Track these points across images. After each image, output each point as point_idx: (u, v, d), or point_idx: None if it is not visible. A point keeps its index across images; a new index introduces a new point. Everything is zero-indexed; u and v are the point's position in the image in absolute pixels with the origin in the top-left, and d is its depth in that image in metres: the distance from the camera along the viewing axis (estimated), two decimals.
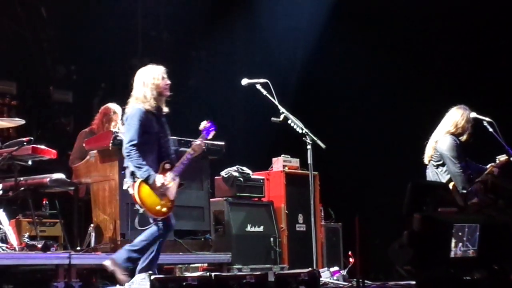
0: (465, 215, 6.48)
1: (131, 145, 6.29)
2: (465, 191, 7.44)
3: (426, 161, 7.82)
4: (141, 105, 6.39)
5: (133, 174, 6.33)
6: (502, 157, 7.73)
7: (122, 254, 6.34)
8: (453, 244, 5.83)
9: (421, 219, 5.68)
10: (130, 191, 6.35)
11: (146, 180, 6.26)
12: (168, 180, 6.34)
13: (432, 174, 7.70)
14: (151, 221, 6.40)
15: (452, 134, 7.70)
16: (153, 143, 6.43)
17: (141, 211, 6.33)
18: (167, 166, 6.41)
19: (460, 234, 5.88)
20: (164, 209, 6.32)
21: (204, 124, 6.62)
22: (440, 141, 7.69)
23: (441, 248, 5.81)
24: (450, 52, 10.76)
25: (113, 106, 8.29)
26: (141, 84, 6.49)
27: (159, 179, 6.28)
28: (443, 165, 7.64)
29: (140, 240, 6.38)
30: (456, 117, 7.76)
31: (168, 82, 6.51)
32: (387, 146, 10.61)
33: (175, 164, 6.46)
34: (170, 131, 6.63)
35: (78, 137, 8.33)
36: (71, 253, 6.99)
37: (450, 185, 7.51)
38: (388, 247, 6.04)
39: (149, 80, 6.46)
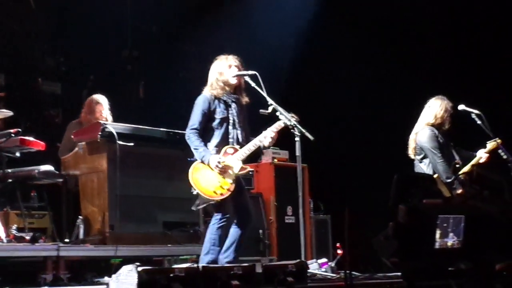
0: (450, 206, 6.54)
1: (191, 129, 6.57)
2: (449, 180, 7.55)
3: (411, 155, 7.92)
4: (208, 92, 6.66)
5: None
6: (492, 143, 7.82)
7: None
8: (438, 235, 5.89)
9: (406, 211, 5.73)
10: (189, 174, 6.53)
11: (202, 161, 6.48)
12: (226, 162, 6.49)
13: (418, 167, 7.78)
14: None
15: (433, 125, 7.79)
16: (219, 128, 6.63)
17: (194, 192, 6.49)
18: (230, 150, 6.60)
19: (445, 225, 5.94)
20: (219, 191, 6.46)
21: (281, 115, 6.58)
22: (419, 133, 7.79)
23: (426, 239, 5.86)
24: (438, 44, 10.83)
25: (96, 97, 8.35)
26: (212, 71, 6.76)
27: (213, 159, 6.45)
28: (425, 157, 7.73)
29: (204, 242, 6.56)
30: (435, 108, 7.85)
31: (235, 73, 6.68)
32: (377, 138, 10.68)
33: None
34: (246, 120, 6.78)
35: (67, 129, 8.38)
36: (60, 245, 7.03)
37: (436, 176, 7.60)
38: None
39: (217, 69, 6.72)
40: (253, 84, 6.64)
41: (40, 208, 8.18)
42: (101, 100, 8.31)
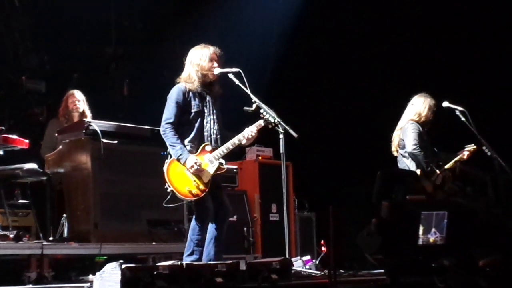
0: (433, 202, 6.58)
1: (166, 124, 6.37)
2: (429, 168, 7.61)
3: (394, 152, 7.96)
4: (183, 85, 6.46)
5: (170, 154, 6.40)
6: (470, 147, 7.87)
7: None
8: (421, 231, 5.93)
9: (390, 207, 5.76)
10: (164, 170, 6.39)
11: (178, 160, 6.32)
12: (204, 161, 6.36)
13: (402, 161, 7.82)
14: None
15: (416, 122, 7.85)
16: (194, 122, 6.45)
17: (169, 190, 6.36)
18: (208, 148, 6.43)
19: (428, 221, 5.97)
20: (194, 191, 6.31)
21: (265, 112, 6.50)
22: (404, 128, 7.84)
23: (409, 236, 5.89)
24: (423, 41, 10.87)
25: (71, 92, 8.42)
26: (188, 63, 6.56)
27: (190, 160, 6.30)
28: None
29: (187, 242, 6.46)
30: (418, 105, 7.91)
31: (216, 65, 6.52)
32: (361, 135, 10.70)
33: (218, 147, 6.46)
34: (217, 112, 6.58)
35: (47, 126, 8.43)
36: (44, 243, 7.04)
37: (418, 172, 7.65)
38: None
39: (195, 61, 6.51)
40: (237, 82, 6.60)
41: (24, 206, 8.17)
42: (75, 92, 8.37)
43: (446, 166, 7.72)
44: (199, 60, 6.51)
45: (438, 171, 7.59)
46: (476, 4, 10.23)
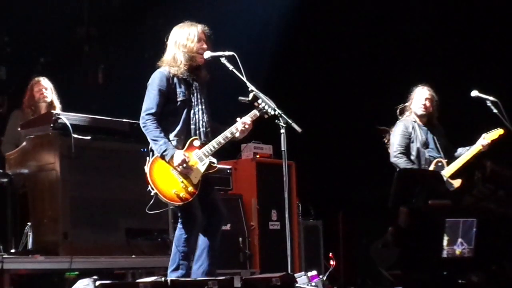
0: (460, 208, 6.59)
1: (147, 115, 6.32)
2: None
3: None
4: (166, 69, 6.42)
5: (152, 150, 6.33)
6: (492, 133, 7.94)
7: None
8: (445, 242, 5.95)
9: (409, 213, 5.78)
10: (146, 170, 6.32)
11: (162, 156, 6.26)
12: (192, 159, 6.31)
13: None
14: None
15: (416, 114, 8.08)
16: (180, 113, 6.41)
17: (152, 193, 6.29)
18: (196, 143, 6.39)
19: (454, 230, 5.99)
20: (182, 194, 6.25)
21: (263, 102, 6.44)
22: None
23: (432, 247, 5.91)
24: (436, 33, 10.93)
25: (36, 79, 8.47)
26: (172, 43, 6.51)
27: (178, 156, 6.23)
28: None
29: (172, 255, 6.42)
30: (410, 100, 8.17)
31: (205, 46, 6.48)
32: (373, 131, 10.71)
33: (207, 141, 6.44)
34: (205, 101, 6.55)
35: (9, 119, 8.45)
36: (4, 256, 7.04)
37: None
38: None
39: (182, 41, 6.47)
40: (230, 67, 6.59)
41: None
42: (41, 79, 8.42)
43: (458, 163, 7.83)
44: (186, 40, 6.47)
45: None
46: None
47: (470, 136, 8.16)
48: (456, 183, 7.83)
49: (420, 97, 8.12)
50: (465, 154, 7.98)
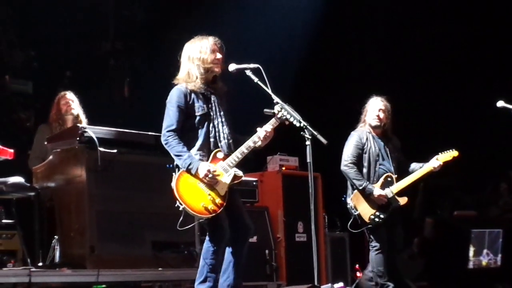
0: (486, 219, 6.60)
1: (168, 131, 6.34)
2: (361, 187, 7.80)
3: None
4: (183, 85, 6.45)
5: (178, 166, 6.35)
6: (449, 152, 7.93)
7: None
8: (471, 253, 5.95)
9: (434, 224, 5.79)
10: (173, 185, 6.33)
11: (188, 170, 6.27)
12: (218, 170, 6.30)
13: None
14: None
15: (369, 126, 8.12)
16: (200, 127, 6.43)
17: (181, 208, 6.28)
18: (220, 155, 6.38)
19: (479, 241, 5.99)
20: (210, 207, 6.22)
21: (286, 112, 6.44)
22: None
23: (458, 258, 5.92)
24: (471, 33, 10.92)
25: (62, 93, 8.52)
26: (186, 59, 6.54)
27: (203, 167, 6.22)
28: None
29: (199, 267, 6.43)
30: (364, 112, 8.23)
31: (219, 56, 6.50)
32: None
33: (231, 153, 6.43)
34: (225, 113, 6.56)
35: (36, 133, 8.49)
36: (32, 269, 7.08)
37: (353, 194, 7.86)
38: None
39: (195, 55, 6.48)
40: (255, 80, 6.61)
41: (8, 227, 8.18)
42: (67, 92, 8.49)
43: (406, 181, 7.86)
44: (199, 53, 6.49)
45: (375, 191, 7.75)
46: None
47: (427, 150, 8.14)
48: (402, 200, 7.80)
49: (374, 108, 8.13)
50: (416, 172, 7.93)
